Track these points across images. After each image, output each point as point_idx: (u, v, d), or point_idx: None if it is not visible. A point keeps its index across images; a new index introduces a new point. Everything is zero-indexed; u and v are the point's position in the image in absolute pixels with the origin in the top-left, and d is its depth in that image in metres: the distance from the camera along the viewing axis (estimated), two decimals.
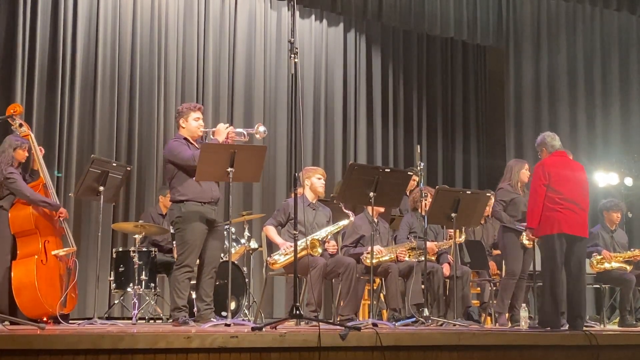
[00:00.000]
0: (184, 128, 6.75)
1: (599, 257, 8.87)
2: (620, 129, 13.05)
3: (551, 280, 6.71)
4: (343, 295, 7.25)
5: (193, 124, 6.73)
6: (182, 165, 6.53)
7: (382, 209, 7.84)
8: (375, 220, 7.73)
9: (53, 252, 6.87)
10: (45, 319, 6.56)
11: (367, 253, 7.20)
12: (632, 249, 9.18)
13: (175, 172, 6.59)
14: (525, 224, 7.94)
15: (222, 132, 6.57)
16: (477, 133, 13.71)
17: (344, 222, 7.51)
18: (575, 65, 13.14)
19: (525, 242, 7.96)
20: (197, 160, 6.24)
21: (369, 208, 7.45)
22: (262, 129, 6.63)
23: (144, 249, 8.18)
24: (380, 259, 7.54)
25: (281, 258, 7.24)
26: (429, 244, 7.83)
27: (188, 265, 6.48)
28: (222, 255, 7.32)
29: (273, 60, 11.70)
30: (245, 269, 8.61)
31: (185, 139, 6.69)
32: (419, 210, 7.93)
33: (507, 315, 8.02)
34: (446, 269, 8.00)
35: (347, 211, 7.43)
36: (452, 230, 7.92)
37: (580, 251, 6.84)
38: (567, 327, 6.80)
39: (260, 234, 7.99)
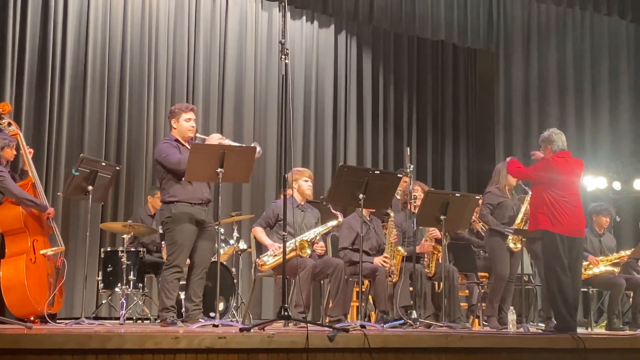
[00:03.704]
0: (175, 129, 6.74)
1: (585, 263, 8.81)
2: (610, 133, 13.09)
3: (559, 283, 6.69)
4: (332, 296, 7.24)
5: (184, 124, 6.72)
6: (169, 169, 6.53)
7: (373, 209, 7.84)
8: (369, 218, 7.74)
9: (41, 252, 6.85)
10: (32, 318, 6.53)
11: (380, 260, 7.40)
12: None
13: (165, 174, 6.58)
14: (512, 227, 7.99)
15: (214, 142, 6.53)
16: (467, 136, 13.73)
17: (332, 223, 7.50)
18: (565, 69, 13.19)
19: (512, 245, 7.98)
20: (186, 163, 6.22)
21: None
22: (258, 149, 6.62)
23: (132, 249, 8.16)
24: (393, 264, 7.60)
25: (270, 259, 7.23)
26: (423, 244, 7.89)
27: (177, 265, 6.47)
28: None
29: (264, 61, 11.70)
30: (233, 269, 8.60)
31: (176, 140, 6.68)
32: (409, 208, 7.90)
33: (496, 318, 8.03)
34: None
35: (335, 212, 7.42)
36: (431, 229, 7.94)
37: (577, 251, 6.86)
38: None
39: (249, 235, 7.98)
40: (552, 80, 13.14)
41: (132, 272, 8.00)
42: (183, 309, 6.80)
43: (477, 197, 7.86)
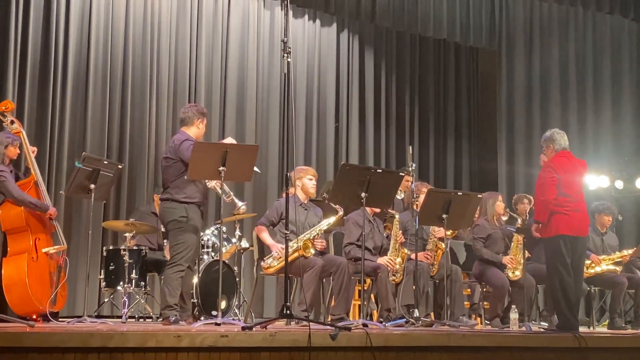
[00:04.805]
0: (198, 129, 6.78)
1: (587, 261, 8.79)
2: (612, 132, 13.08)
3: (561, 282, 6.68)
4: (335, 295, 7.23)
5: (202, 129, 6.84)
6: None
7: (378, 210, 7.82)
8: (372, 217, 7.72)
9: (44, 250, 6.86)
10: (34, 316, 6.54)
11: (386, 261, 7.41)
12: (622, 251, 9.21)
13: (182, 172, 6.56)
14: (515, 226, 7.99)
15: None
16: (469, 134, 13.73)
17: (332, 219, 7.46)
18: (567, 68, 13.17)
19: (511, 274, 8.01)
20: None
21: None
22: (243, 208, 6.96)
23: (135, 247, 8.16)
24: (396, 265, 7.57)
25: (275, 262, 7.20)
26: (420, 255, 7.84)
27: (182, 264, 6.51)
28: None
29: (266, 60, 11.70)
30: (235, 268, 8.60)
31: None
32: (412, 207, 7.88)
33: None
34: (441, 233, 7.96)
35: (335, 206, 7.37)
36: (437, 229, 7.91)
37: (580, 250, 6.85)
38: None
39: (252, 233, 7.97)
40: (554, 79, 13.13)
41: (134, 271, 8.00)
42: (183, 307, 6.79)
43: (479, 196, 7.85)
